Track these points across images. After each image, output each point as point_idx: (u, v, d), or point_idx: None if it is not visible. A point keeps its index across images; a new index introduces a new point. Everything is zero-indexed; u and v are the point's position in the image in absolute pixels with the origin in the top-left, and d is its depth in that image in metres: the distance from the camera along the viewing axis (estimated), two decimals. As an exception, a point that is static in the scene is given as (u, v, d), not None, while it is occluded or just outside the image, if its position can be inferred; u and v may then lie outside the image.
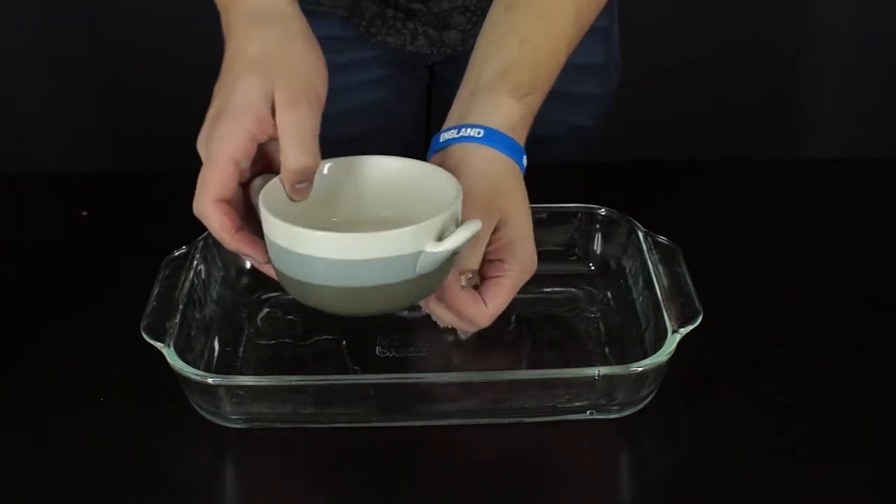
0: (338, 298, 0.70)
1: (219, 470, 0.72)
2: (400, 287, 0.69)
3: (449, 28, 1.06)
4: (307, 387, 0.72)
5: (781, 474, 0.69)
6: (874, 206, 1.00)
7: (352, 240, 0.68)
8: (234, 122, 0.71)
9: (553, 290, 0.86)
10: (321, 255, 0.68)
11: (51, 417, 0.75)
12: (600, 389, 0.71)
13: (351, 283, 0.69)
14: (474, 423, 0.73)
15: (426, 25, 1.06)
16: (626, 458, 0.73)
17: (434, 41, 1.07)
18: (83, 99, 2.01)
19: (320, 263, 0.68)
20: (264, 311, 0.85)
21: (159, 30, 1.93)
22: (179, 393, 0.73)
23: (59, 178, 1.09)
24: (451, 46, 1.07)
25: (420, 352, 0.80)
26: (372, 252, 0.67)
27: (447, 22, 1.06)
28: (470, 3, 1.04)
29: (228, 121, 0.71)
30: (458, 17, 1.05)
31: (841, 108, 2.02)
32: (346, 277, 0.69)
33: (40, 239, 0.96)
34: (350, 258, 0.68)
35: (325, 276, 0.69)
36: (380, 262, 0.68)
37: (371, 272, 0.68)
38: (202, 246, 0.83)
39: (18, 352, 0.81)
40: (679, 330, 0.72)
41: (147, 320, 0.74)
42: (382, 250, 0.67)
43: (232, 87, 0.73)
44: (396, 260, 0.68)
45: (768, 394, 0.76)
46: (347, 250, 0.68)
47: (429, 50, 1.07)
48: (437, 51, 1.08)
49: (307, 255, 0.68)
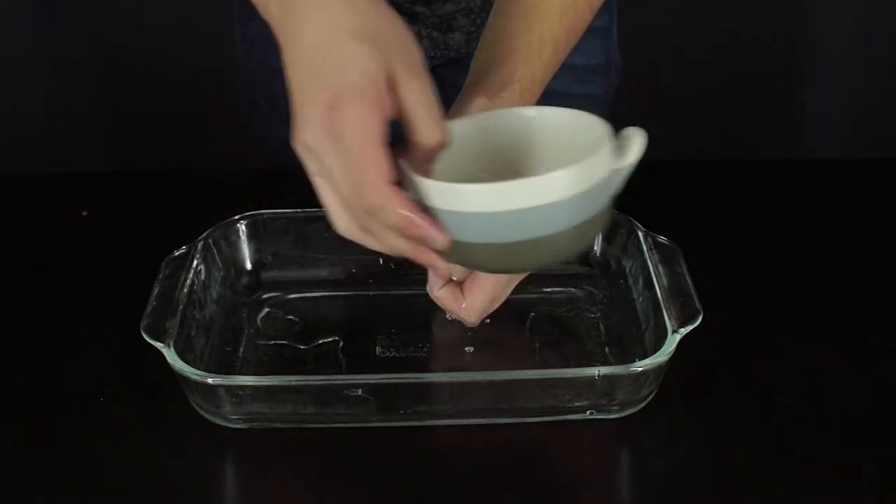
0: (518, 252, 0.66)
1: (219, 470, 0.72)
2: (583, 227, 0.66)
3: (453, 30, 1.06)
4: (307, 387, 0.72)
5: (781, 474, 0.69)
6: (874, 206, 1.00)
7: (544, 183, 0.63)
8: (364, 101, 0.63)
9: (553, 290, 0.87)
10: (515, 207, 0.63)
11: (51, 417, 0.75)
12: (600, 389, 0.71)
13: (546, 231, 0.65)
14: (474, 423, 0.73)
15: (430, 28, 1.06)
16: (626, 458, 0.73)
17: (438, 44, 1.07)
18: (83, 99, 2.01)
19: (512, 217, 0.64)
20: (264, 311, 0.85)
21: (159, 30, 1.93)
22: (179, 393, 0.73)
23: (59, 178, 1.09)
24: (454, 49, 1.07)
25: (420, 352, 0.80)
26: (568, 190, 0.64)
27: (451, 24, 1.06)
28: (474, 6, 1.04)
29: (357, 101, 0.63)
30: (461, 19, 1.05)
31: (841, 108, 2.02)
32: (535, 226, 0.65)
33: (40, 239, 0.96)
34: (551, 201, 0.63)
35: (511, 231, 0.64)
36: (580, 197, 0.64)
37: (571, 210, 0.65)
38: (202, 246, 0.83)
39: (18, 352, 0.81)
40: (679, 330, 0.72)
41: (147, 320, 0.74)
42: (579, 184, 0.64)
43: (343, 65, 0.63)
44: (592, 192, 0.65)
45: (768, 394, 0.76)
46: (547, 194, 0.63)
47: (433, 52, 1.07)
48: (440, 53, 1.08)
49: (498, 211, 0.63)
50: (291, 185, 1.01)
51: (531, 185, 0.63)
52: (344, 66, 0.63)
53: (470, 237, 0.66)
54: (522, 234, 0.65)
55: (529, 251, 0.66)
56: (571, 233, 0.66)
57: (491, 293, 0.77)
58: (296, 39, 0.66)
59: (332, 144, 0.63)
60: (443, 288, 0.78)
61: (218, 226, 0.86)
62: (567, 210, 0.64)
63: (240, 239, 0.87)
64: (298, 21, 0.66)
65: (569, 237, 0.66)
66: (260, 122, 1.16)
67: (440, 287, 0.78)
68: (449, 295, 0.78)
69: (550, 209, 0.64)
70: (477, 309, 0.77)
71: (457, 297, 0.78)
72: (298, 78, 0.65)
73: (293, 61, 0.66)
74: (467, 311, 0.78)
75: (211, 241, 0.84)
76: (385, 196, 0.63)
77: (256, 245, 0.88)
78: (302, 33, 0.66)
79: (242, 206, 0.88)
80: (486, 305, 0.78)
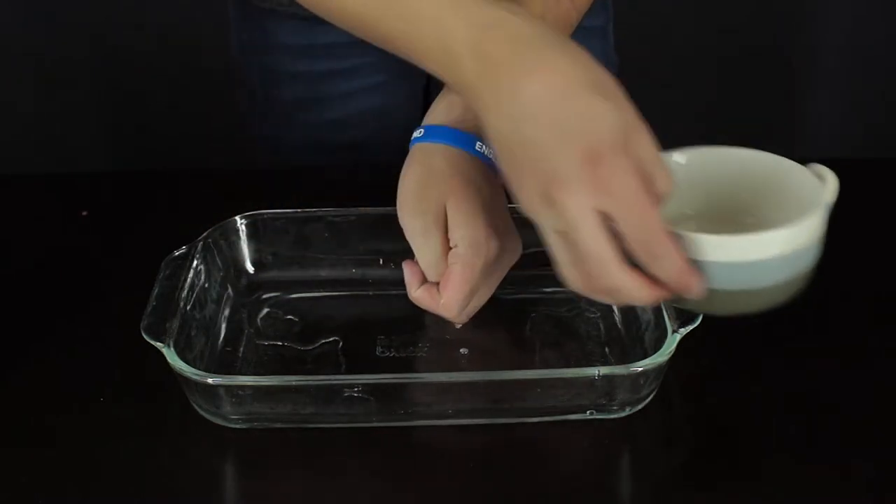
0: (765, 297, 0.68)
1: (219, 470, 0.72)
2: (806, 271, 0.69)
3: None
4: (307, 387, 0.72)
5: (781, 474, 0.69)
6: (874, 206, 1.00)
7: (794, 232, 0.66)
8: (623, 155, 0.62)
9: (553, 290, 0.86)
10: (763, 257, 0.66)
11: (51, 417, 0.75)
12: (600, 389, 0.71)
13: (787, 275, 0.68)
14: (474, 423, 0.73)
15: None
16: (626, 458, 0.73)
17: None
18: (83, 99, 2.01)
19: (754, 266, 0.66)
20: (264, 311, 0.85)
21: (159, 30, 1.93)
22: (179, 393, 0.73)
23: (59, 178, 1.09)
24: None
25: (420, 352, 0.80)
26: (812, 236, 0.67)
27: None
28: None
29: (619, 155, 0.62)
30: None
31: (841, 108, 2.02)
32: (776, 273, 0.67)
33: (40, 239, 0.96)
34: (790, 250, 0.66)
35: (760, 278, 0.67)
36: (805, 250, 0.68)
37: (809, 256, 0.68)
38: (202, 246, 0.83)
39: (18, 352, 0.81)
40: (679, 330, 0.72)
41: (147, 320, 0.74)
42: (818, 230, 0.68)
43: (593, 119, 0.62)
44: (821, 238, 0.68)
45: (768, 394, 0.76)
46: (791, 242, 0.66)
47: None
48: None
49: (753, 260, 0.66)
50: (291, 185, 1.01)
51: (779, 235, 0.66)
52: (594, 120, 0.62)
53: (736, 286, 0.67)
54: (757, 282, 0.67)
55: (756, 297, 0.68)
56: (800, 279, 0.69)
57: (465, 286, 0.77)
58: (513, 95, 0.64)
59: (599, 199, 0.62)
60: (420, 288, 0.79)
61: (218, 226, 0.86)
62: (805, 256, 0.68)
63: (240, 239, 0.87)
64: (515, 76, 0.64)
65: (796, 283, 0.69)
66: (259, 122, 1.16)
67: (416, 288, 0.79)
68: (426, 294, 0.79)
69: (791, 257, 0.66)
70: (453, 304, 0.77)
71: (433, 295, 0.78)
72: (525, 134, 0.63)
73: (511, 116, 0.64)
74: (446, 308, 0.78)
75: (211, 241, 0.84)
76: (666, 246, 0.63)
77: (256, 245, 0.88)
78: (521, 88, 0.63)
79: (242, 206, 0.88)
80: (464, 299, 0.77)
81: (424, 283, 0.79)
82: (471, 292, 0.78)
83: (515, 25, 0.65)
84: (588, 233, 0.62)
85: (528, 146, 0.63)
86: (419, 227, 0.78)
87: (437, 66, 0.69)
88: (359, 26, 0.76)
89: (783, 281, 0.67)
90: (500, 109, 0.65)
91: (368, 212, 0.87)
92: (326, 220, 0.87)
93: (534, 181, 0.64)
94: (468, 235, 0.77)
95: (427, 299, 0.79)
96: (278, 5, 1.06)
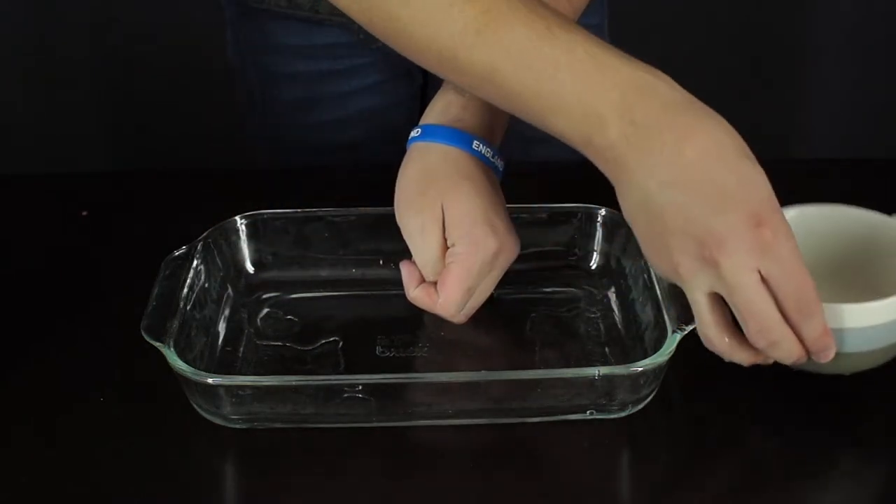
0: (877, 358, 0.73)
1: (219, 470, 0.72)
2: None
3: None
4: (307, 387, 0.72)
5: (782, 474, 0.69)
6: (874, 207, 1.00)
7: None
8: (783, 219, 0.67)
9: (553, 290, 0.86)
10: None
11: (51, 417, 0.75)
12: (600, 389, 0.71)
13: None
14: (474, 423, 0.73)
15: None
16: (626, 458, 0.73)
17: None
18: (83, 99, 2.01)
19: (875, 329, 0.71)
20: (264, 311, 0.85)
21: (159, 30, 1.93)
22: (179, 393, 0.73)
23: (59, 178, 1.09)
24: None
25: (420, 352, 0.80)
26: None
27: None
28: None
29: (780, 219, 0.66)
30: None
31: (841, 108, 2.02)
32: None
33: (40, 239, 0.96)
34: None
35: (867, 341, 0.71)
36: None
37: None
38: (202, 246, 0.83)
39: (18, 352, 0.81)
40: (679, 330, 0.72)
41: (147, 320, 0.74)
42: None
43: (754, 184, 0.66)
44: None
45: (768, 393, 0.76)
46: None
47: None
48: None
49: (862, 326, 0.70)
50: (291, 185, 1.01)
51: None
52: (752, 184, 0.65)
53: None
54: (872, 344, 0.71)
55: (870, 357, 0.73)
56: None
57: (463, 284, 0.77)
58: (669, 159, 0.65)
59: (763, 260, 0.64)
60: (418, 288, 0.79)
61: (218, 226, 0.86)
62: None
63: (240, 239, 0.87)
64: (670, 140, 0.65)
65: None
66: (258, 122, 1.16)
67: (415, 288, 0.79)
68: (424, 294, 0.79)
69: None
70: (451, 303, 0.77)
71: (431, 295, 0.78)
72: (679, 198, 0.65)
73: (664, 181, 0.65)
74: (444, 307, 0.78)
75: (211, 241, 0.84)
76: (818, 305, 0.66)
77: (256, 245, 0.88)
78: (678, 153, 0.65)
79: (242, 206, 0.88)
80: (462, 298, 0.78)
81: (422, 283, 0.79)
82: (469, 291, 0.78)
83: (666, 90, 0.67)
84: (754, 291, 0.65)
85: (683, 209, 0.65)
86: (416, 225, 0.78)
87: (571, 126, 0.68)
88: (470, 76, 0.71)
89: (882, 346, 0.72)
90: (649, 173, 0.66)
91: (368, 212, 0.87)
92: (326, 220, 0.87)
93: (687, 244, 0.65)
94: (466, 234, 0.77)
95: (425, 299, 0.79)
96: (275, 6, 1.06)
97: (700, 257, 0.65)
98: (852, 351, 0.71)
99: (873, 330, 0.70)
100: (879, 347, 0.72)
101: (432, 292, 0.78)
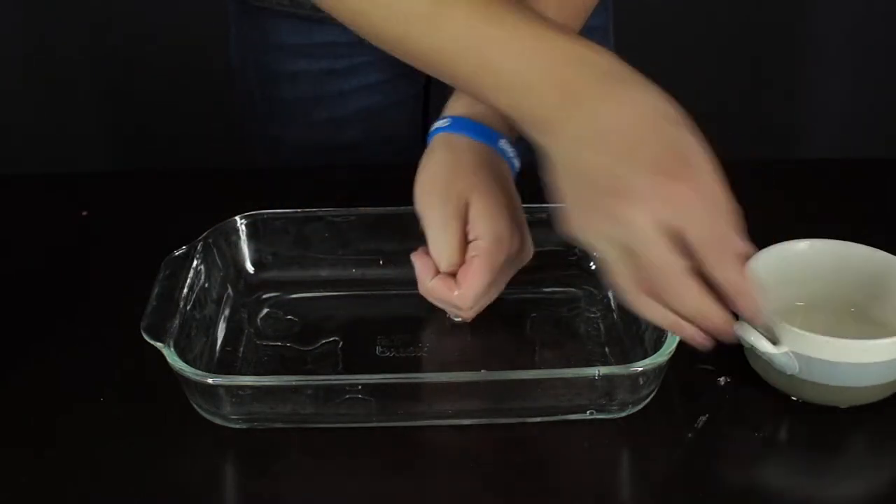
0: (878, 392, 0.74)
1: (219, 470, 0.72)
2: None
3: None
4: (307, 387, 0.72)
5: (782, 474, 0.69)
6: (874, 206, 1.00)
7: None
8: (707, 157, 0.67)
9: (553, 290, 0.86)
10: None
11: (51, 417, 0.75)
12: (600, 389, 0.71)
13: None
14: (474, 423, 0.73)
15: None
16: (626, 458, 0.73)
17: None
18: (83, 99, 2.01)
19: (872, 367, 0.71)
20: (264, 311, 0.85)
21: (159, 30, 1.93)
22: (179, 393, 0.73)
23: (59, 178, 1.09)
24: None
25: (420, 352, 0.80)
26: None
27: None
28: None
29: (703, 154, 0.67)
30: None
31: (841, 108, 2.02)
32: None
33: (40, 239, 0.96)
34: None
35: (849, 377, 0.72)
36: None
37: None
38: (202, 246, 0.83)
39: (18, 352, 0.81)
40: (679, 330, 0.72)
41: (147, 320, 0.74)
42: None
43: (681, 137, 0.67)
44: None
45: (768, 393, 0.76)
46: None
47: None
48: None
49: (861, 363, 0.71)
50: (291, 185, 1.01)
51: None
52: (666, 141, 0.66)
53: (802, 374, 0.72)
54: (871, 380, 0.72)
55: (869, 392, 0.73)
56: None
57: (485, 278, 0.77)
58: (587, 120, 0.67)
59: (664, 212, 0.64)
60: (435, 279, 0.78)
61: (218, 226, 0.86)
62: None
63: (240, 239, 0.87)
64: (594, 103, 0.67)
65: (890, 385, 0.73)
66: (258, 122, 1.16)
67: (431, 278, 0.78)
68: (442, 285, 0.78)
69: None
70: (471, 295, 0.77)
71: (450, 286, 0.78)
72: (590, 155, 0.66)
73: (579, 139, 0.66)
74: (462, 299, 0.77)
75: (211, 241, 0.84)
76: (733, 258, 0.65)
77: (256, 245, 0.88)
78: (597, 114, 0.66)
79: (242, 206, 0.88)
80: (482, 292, 0.78)
81: (439, 275, 0.78)
82: (489, 286, 0.78)
83: (604, 62, 0.68)
84: (652, 241, 0.64)
85: (593, 165, 0.66)
86: (439, 217, 0.78)
87: (512, 101, 0.70)
88: (408, 54, 0.75)
89: (871, 384, 0.73)
90: (567, 134, 0.67)
91: (368, 212, 0.87)
92: (326, 220, 0.88)
93: (595, 199, 0.66)
94: (493, 229, 0.77)
95: (443, 289, 0.78)
96: (277, 4, 1.06)
97: (610, 213, 0.65)
98: (851, 385, 0.72)
99: (875, 367, 0.71)
100: (879, 384, 0.72)
101: (451, 283, 0.78)
